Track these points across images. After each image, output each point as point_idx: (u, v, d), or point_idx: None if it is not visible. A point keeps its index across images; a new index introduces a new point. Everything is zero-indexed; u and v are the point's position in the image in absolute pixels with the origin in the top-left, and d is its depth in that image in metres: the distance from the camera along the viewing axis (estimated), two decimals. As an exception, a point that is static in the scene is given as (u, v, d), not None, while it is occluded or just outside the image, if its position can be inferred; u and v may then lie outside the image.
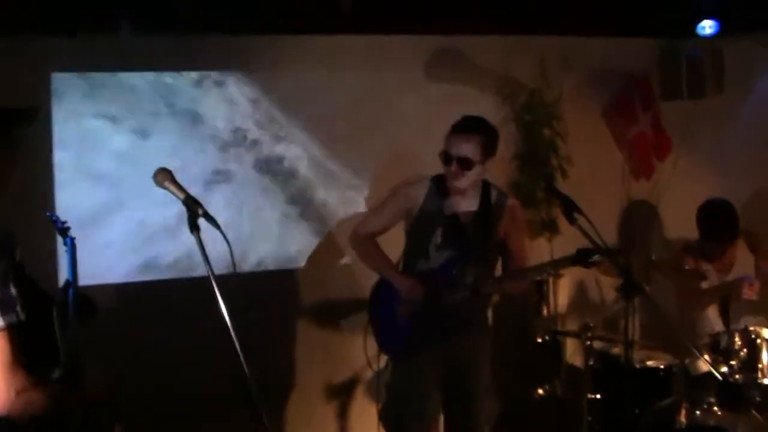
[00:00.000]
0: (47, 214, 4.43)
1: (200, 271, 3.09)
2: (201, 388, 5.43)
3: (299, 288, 5.89)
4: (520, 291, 5.35)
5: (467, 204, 4.81)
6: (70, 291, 3.83)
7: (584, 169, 6.55)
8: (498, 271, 5.00)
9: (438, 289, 4.74)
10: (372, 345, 4.97)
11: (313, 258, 6.01)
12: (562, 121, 6.54)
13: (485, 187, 4.89)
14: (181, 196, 3.23)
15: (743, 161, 6.57)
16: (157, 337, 5.20)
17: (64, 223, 4.35)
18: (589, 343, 5.42)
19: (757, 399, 5.02)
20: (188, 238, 3.13)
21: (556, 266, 4.93)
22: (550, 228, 6.47)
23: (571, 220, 4.19)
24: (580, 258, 4.49)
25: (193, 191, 3.22)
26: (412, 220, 4.88)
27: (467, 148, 4.66)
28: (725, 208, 5.67)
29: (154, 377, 5.17)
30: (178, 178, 3.25)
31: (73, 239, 4.26)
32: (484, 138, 4.70)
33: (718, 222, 5.66)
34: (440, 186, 4.80)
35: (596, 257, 4.38)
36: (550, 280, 6.35)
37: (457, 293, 4.74)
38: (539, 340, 6.03)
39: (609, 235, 6.29)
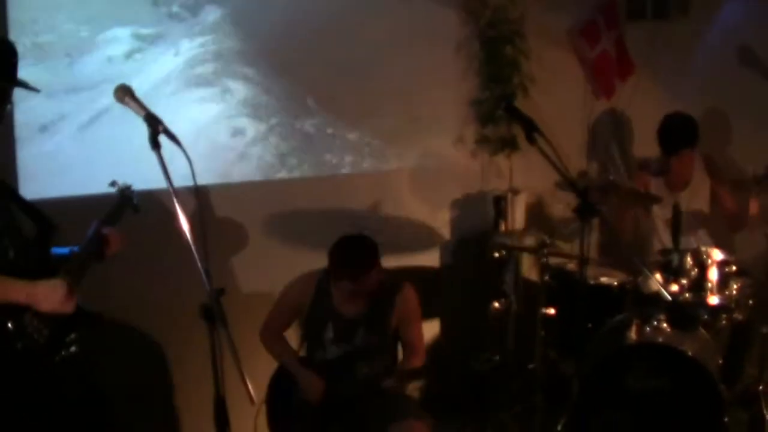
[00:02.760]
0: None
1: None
2: (164, 303, 5.49)
3: (261, 201, 5.90)
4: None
5: (354, 307, 4.78)
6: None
7: (546, 88, 6.58)
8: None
9: (335, 385, 4.73)
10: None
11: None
12: (525, 39, 6.51)
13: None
14: (142, 112, 3.25)
15: (703, 87, 6.62)
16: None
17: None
18: (545, 259, 5.50)
19: (705, 317, 5.15)
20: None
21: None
22: (510, 145, 6.51)
23: (531, 140, 4.23)
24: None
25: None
26: (305, 314, 4.90)
27: (368, 286, 4.65)
28: (684, 117, 5.77)
29: (117, 290, 5.19)
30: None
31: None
32: (377, 268, 4.66)
33: (676, 129, 5.75)
34: (329, 283, 4.77)
35: None
36: (509, 196, 6.41)
37: (352, 389, 4.71)
38: (496, 255, 6.09)
39: (568, 154, 6.40)
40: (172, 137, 3.20)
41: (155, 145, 3.18)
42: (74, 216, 3.99)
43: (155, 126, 3.20)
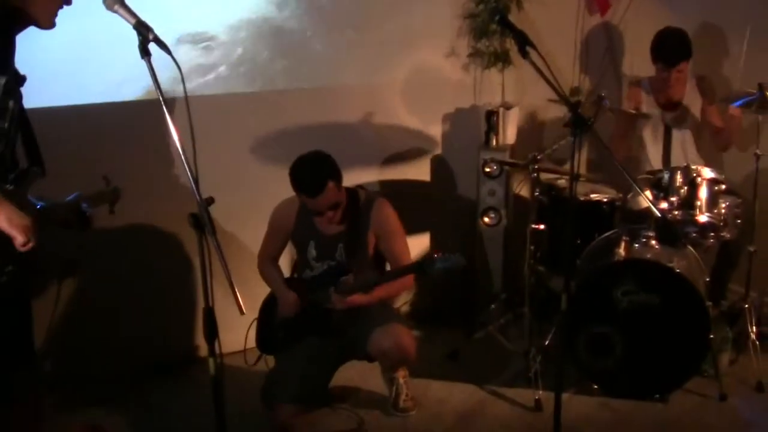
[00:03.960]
0: None
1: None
2: (154, 214, 5.52)
3: (252, 112, 5.88)
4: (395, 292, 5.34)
5: (333, 226, 4.87)
6: None
7: (540, 2, 6.50)
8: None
9: (315, 297, 4.91)
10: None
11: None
12: (520, -48, 6.45)
13: (351, 197, 4.92)
14: (132, 20, 3.20)
15: (699, 1, 6.54)
16: (110, 157, 5.17)
17: None
18: (535, 174, 5.50)
19: (693, 235, 5.18)
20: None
21: (398, 275, 4.87)
22: (502, 59, 6.46)
23: (524, 54, 4.19)
24: (420, 269, 4.56)
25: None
26: (291, 236, 5.07)
27: (329, 200, 4.70)
28: (678, 30, 5.72)
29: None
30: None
31: None
32: (334, 179, 4.69)
33: (672, 42, 5.71)
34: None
35: (439, 267, 4.43)
36: (501, 110, 6.38)
37: (328, 298, 4.83)
38: (487, 170, 6.08)
39: (561, 69, 6.37)
40: (162, 45, 3.17)
41: (145, 53, 3.15)
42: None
43: (145, 34, 3.16)
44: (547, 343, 5.44)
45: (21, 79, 3.49)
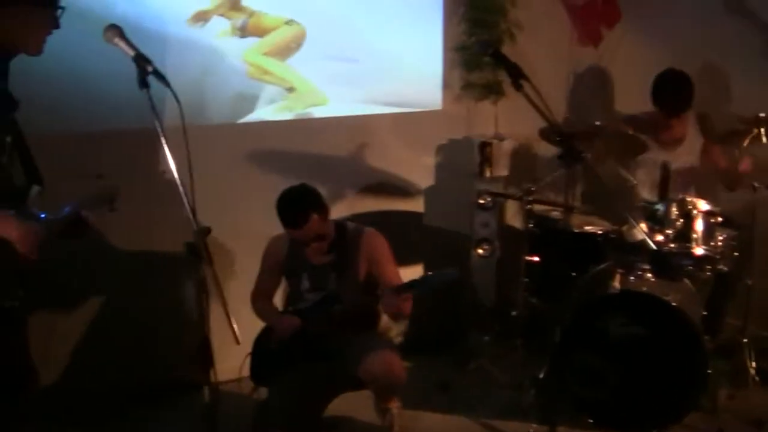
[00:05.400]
0: None
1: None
2: (150, 242, 5.50)
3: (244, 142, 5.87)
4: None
5: (324, 256, 4.91)
6: None
7: (532, 35, 6.53)
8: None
9: (309, 325, 4.88)
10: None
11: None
12: (511, -15, 6.48)
13: (338, 229, 4.98)
14: (131, 53, 3.22)
15: (691, 35, 6.55)
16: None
17: None
18: (529, 206, 5.49)
19: (689, 268, 5.14)
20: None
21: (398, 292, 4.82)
22: (495, 91, 6.48)
23: (518, 87, 4.20)
24: (416, 284, 4.64)
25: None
26: (284, 270, 5.09)
27: (314, 231, 4.75)
28: (681, 76, 5.71)
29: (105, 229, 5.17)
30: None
31: None
32: (318, 211, 4.74)
33: (671, 91, 5.70)
34: None
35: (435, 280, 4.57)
36: (494, 142, 6.39)
37: (324, 324, 4.84)
38: (481, 202, 6.09)
39: (554, 101, 6.36)
40: (161, 78, 3.18)
41: (144, 84, 3.15)
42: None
43: (144, 66, 3.18)
44: (541, 375, 5.42)
45: (15, 105, 3.48)
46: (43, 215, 3.60)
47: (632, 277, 5.22)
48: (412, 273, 6.28)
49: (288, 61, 5.96)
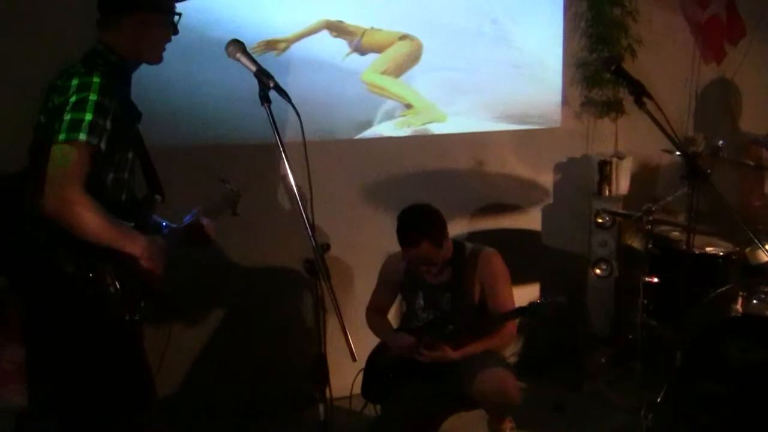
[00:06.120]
0: None
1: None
2: (269, 258, 5.56)
3: (364, 159, 5.91)
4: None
5: (440, 275, 4.90)
6: None
7: (653, 51, 6.43)
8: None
9: (427, 343, 4.81)
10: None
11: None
12: (633, 1, 6.38)
13: (457, 248, 4.93)
14: (253, 68, 3.25)
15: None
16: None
17: None
18: (649, 226, 5.41)
19: (816, 291, 5.02)
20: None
21: (504, 318, 4.85)
22: (615, 108, 6.41)
23: (640, 104, 4.14)
24: (521, 312, 4.68)
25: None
26: (400, 287, 5.09)
27: (423, 255, 4.73)
28: None
29: (224, 243, 5.24)
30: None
31: None
32: (430, 238, 4.70)
33: None
34: None
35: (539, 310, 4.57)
36: (614, 160, 6.32)
37: (437, 343, 4.78)
38: (599, 221, 6.04)
39: (676, 119, 6.27)
40: (282, 93, 3.21)
41: (265, 99, 3.19)
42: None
43: (265, 81, 3.21)
44: (659, 399, 5.31)
45: (138, 116, 3.55)
46: (164, 224, 3.67)
47: (755, 301, 5.10)
48: (528, 292, 6.29)
49: (408, 72, 5.98)
